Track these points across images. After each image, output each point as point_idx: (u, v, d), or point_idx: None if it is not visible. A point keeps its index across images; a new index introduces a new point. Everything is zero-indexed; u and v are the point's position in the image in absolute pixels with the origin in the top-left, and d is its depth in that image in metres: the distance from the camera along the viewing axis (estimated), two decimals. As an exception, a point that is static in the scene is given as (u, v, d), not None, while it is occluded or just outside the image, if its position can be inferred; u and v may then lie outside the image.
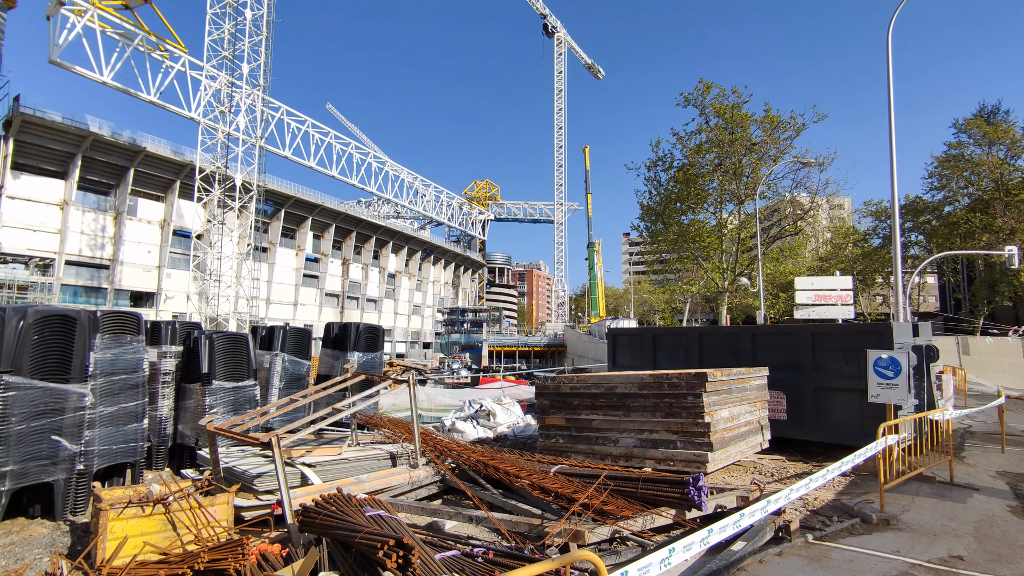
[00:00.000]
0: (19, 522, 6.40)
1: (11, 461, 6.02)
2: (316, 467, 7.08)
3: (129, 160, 46.52)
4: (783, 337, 10.84)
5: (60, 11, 36.98)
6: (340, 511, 5.08)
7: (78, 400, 6.66)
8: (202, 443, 8.52)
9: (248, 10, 39.50)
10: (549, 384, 9.33)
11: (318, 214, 64.44)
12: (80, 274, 45.70)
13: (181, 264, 49.64)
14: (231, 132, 40.25)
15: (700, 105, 28.00)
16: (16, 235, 41.78)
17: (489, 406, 12.69)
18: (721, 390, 8.11)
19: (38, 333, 6.29)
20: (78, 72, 39.38)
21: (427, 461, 8.01)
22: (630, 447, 8.21)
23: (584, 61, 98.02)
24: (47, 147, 42.66)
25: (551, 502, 6.30)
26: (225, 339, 9.00)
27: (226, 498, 5.74)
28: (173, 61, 44.11)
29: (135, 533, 5.23)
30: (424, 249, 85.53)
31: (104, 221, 46.84)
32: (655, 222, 31.18)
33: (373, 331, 11.40)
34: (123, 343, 7.47)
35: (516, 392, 18.71)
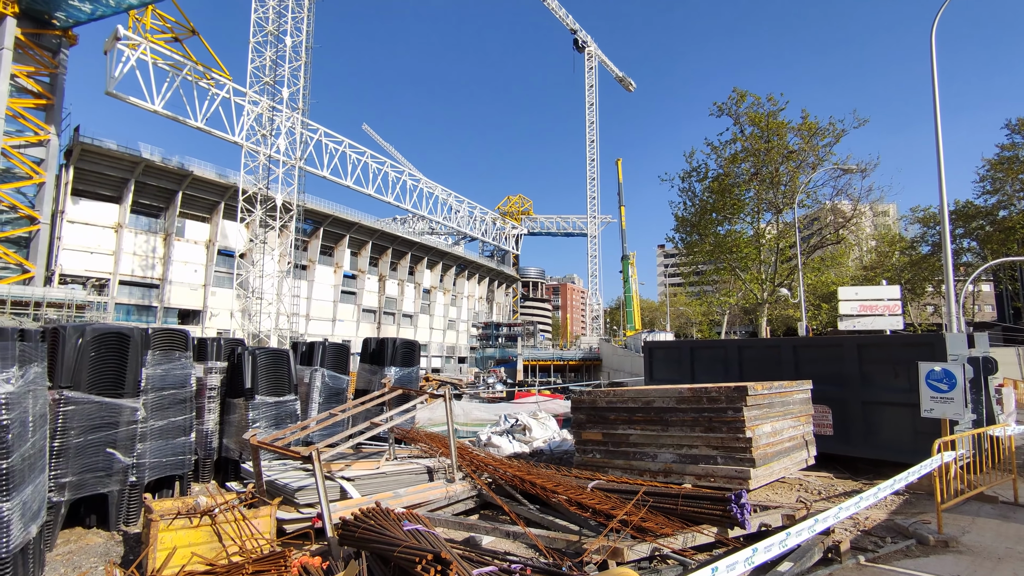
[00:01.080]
0: (77, 531, 6.68)
1: (70, 472, 6.30)
2: (355, 481, 7.18)
3: (178, 184, 48.62)
4: (827, 349, 10.49)
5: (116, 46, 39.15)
6: (379, 525, 5.14)
7: (131, 414, 6.94)
8: (246, 456, 8.74)
9: (288, 37, 41.05)
10: (585, 398, 9.25)
11: (355, 232, 65.87)
12: (132, 293, 47.77)
13: (225, 282, 51.38)
14: (272, 154, 41.67)
15: (734, 114, 27.64)
16: (75, 257, 44.07)
17: (525, 421, 12.64)
18: (762, 404, 7.90)
19: (95, 350, 6.60)
20: (132, 102, 41.51)
21: (464, 476, 8.03)
22: (669, 462, 8.05)
23: (615, 74, 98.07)
24: (104, 173, 45.00)
25: (589, 518, 6.22)
26: (267, 355, 9.26)
27: (269, 511, 5.87)
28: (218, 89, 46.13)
29: (183, 544, 5.39)
30: (458, 264, 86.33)
31: (155, 242, 48.96)
32: (690, 233, 30.75)
33: (409, 346, 11.54)
34: (172, 359, 7.77)
35: (552, 406, 18.58)
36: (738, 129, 27.81)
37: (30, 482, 5.16)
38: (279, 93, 41.45)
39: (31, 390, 5.25)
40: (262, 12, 40.53)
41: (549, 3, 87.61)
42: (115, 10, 40.31)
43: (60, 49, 43.26)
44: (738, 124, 27.74)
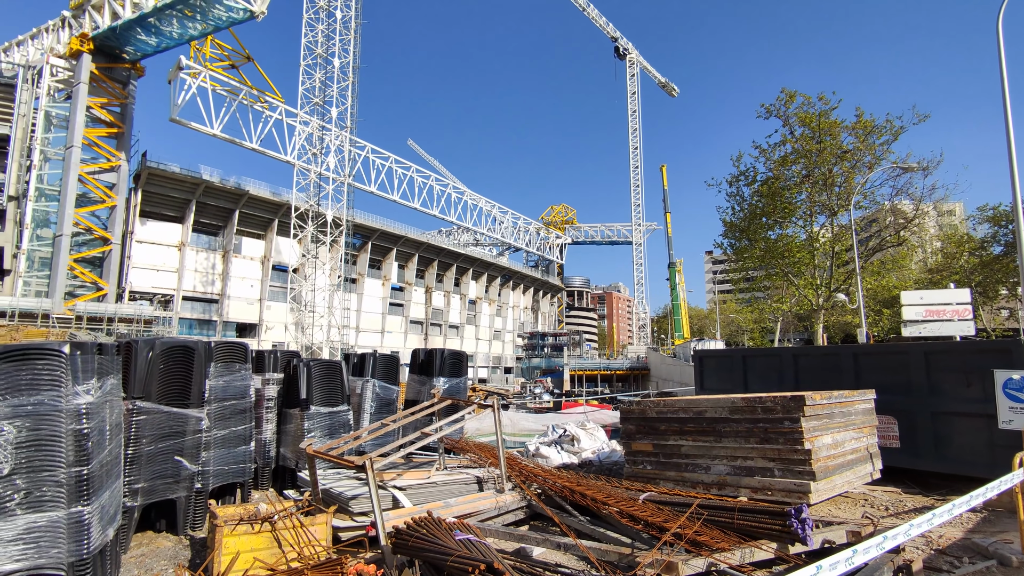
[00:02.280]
0: (148, 535, 7.04)
1: (142, 479, 6.66)
2: (406, 490, 7.29)
3: (234, 203, 50.94)
4: (891, 357, 10.00)
5: (179, 75, 41.50)
6: (431, 534, 5.21)
7: (196, 423, 7.28)
8: (302, 465, 9.01)
9: (336, 59, 42.55)
10: (634, 408, 9.12)
11: (402, 245, 67.25)
12: (194, 308, 50.19)
13: (279, 297, 53.31)
14: (322, 172, 43.13)
15: (783, 115, 26.87)
16: (143, 275, 46.74)
17: (573, 431, 12.55)
18: (822, 414, 7.59)
19: (164, 363, 6.98)
20: (193, 127, 43.83)
21: (513, 486, 8.03)
22: (723, 475, 7.83)
23: (657, 80, 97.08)
24: (168, 195, 47.66)
25: (641, 531, 6.11)
26: (321, 366, 9.56)
27: (325, 518, 6.03)
28: (272, 111, 48.18)
29: (246, 549, 5.60)
30: (503, 275, 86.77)
31: (214, 259, 51.36)
32: (739, 239, 29.95)
33: (457, 357, 11.68)
34: (233, 371, 8.12)
35: (600, 417, 18.38)
36: (787, 130, 27.02)
37: (107, 487, 5.49)
38: (328, 113, 42.96)
39: (108, 400, 5.60)
40: (311, 36, 42.21)
41: (589, 13, 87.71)
42: (178, 42, 42.84)
43: (129, 80, 46.25)
44: (787, 125, 26.95)
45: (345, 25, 43.19)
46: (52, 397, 4.94)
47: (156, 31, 41.75)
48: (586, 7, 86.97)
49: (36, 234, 42.08)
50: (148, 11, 39.20)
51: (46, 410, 4.92)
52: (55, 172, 42.65)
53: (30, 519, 4.79)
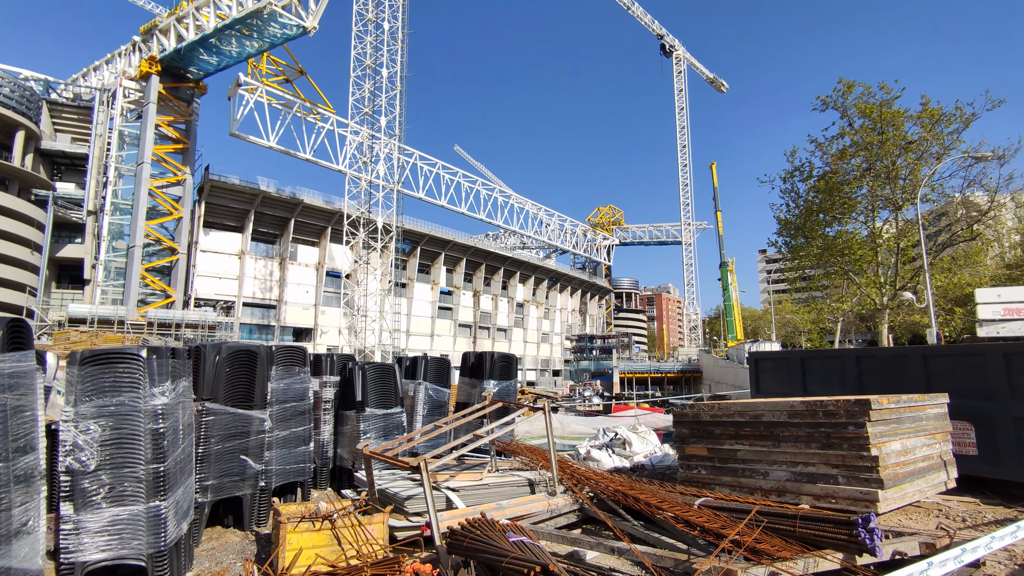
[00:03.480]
0: (217, 530, 7.40)
1: (211, 476, 7.01)
2: (460, 491, 7.39)
3: (290, 212, 52.93)
4: (966, 358, 9.42)
5: (238, 91, 43.49)
6: (485, 535, 5.26)
7: (260, 424, 7.61)
8: (358, 466, 9.27)
9: (384, 69, 43.62)
10: (688, 412, 8.93)
11: (450, 249, 68.16)
12: (254, 314, 52.41)
13: (333, 302, 54.99)
14: (372, 180, 44.26)
15: (841, 107, 25.73)
16: (207, 282, 49.18)
17: (624, 434, 12.40)
18: (889, 419, 7.23)
19: (229, 366, 7.34)
20: (251, 140, 45.81)
21: (565, 489, 8.01)
22: (782, 481, 7.57)
23: (705, 76, 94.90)
24: (229, 206, 50.01)
25: (697, 536, 5.98)
26: (376, 369, 9.81)
27: (382, 518, 6.19)
28: (324, 122, 49.87)
29: (308, 545, 5.81)
30: (550, 277, 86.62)
31: (272, 267, 53.51)
32: (795, 236, 28.84)
33: (507, 360, 11.75)
34: (293, 374, 8.44)
35: (651, 420, 18.08)
36: (846, 122, 25.85)
37: (181, 484, 5.81)
38: (377, 122, 44.09)
39: (181, 402, 5.93)
40: (360, 48, 43.45)
41: (634, 11, 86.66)
42: (237, 60, 45.00)
43: (193, 98, 48.89)
44: (846, 117, 25.79)
45: (392, 36, 44.26)
46: (132, 398, 5.28)
47: (217, 50, 43.99)
48: (631, 5, 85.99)
49: (112, 246, 45.01)
50: (210, 32, 41.33)
51: (126, 410, 5.27)
52: (128, 187, 45.52)
53: (114, 512, 5.13)
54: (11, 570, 4.18)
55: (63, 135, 48.47)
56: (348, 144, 50.03)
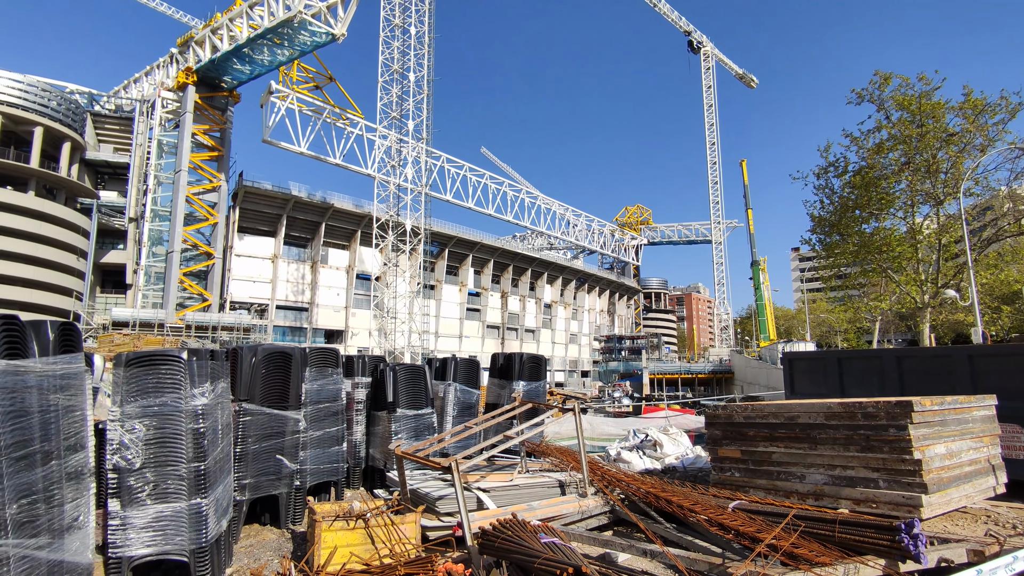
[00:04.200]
0: (254, 527, 7.59)
1: (248, 475, 7.19)
2: (490, 492, 7.42)
3: (321, 216, 53.91)
4: (1015, 358, 9.05)
5: (270, 99, 44.51)
6: (516, 536, 5.27)
7: (295, 424, 7.78)
8: (390, 466, 9.39)
9: (411, 73, 44.10)
10: (720, 413, 8.80)
11: (478, 251, 68.47)
12: (287, 316, 53.53)
13: (363, 304, 55.78)
14: (400, 183, 44.76)
15: (877, 99, 24.97)
16: (241, 286, 50.44)
17: (655, 436, 12.27)
18: (932, 421, 7.00)
19: (265, 368, 7.52)
20: (283, 147, 46.82)
21: (595, 491, 7.97)
22: (819, 484, 7.39)
23: (734, 72, 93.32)
24: (262, 211, 51.20)
25: (731, 540, 5.89)
26: (406, 370, 9.92)
27: (414, 517, 6.26)
28: (353, 127, 50.68)
29: (342, 544, 5.91)
30: (578, 278, 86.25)
31: (303, 270, 54.58)
32: (830, 234, 28.06)
33: (536, 361, 11.75)
34: (326, 375, 8.60)
35: (682, 421, 17.84)
36: (883, 115, 25.07)
37: (221, 482, 5.98)
38: (405, 126, 44.60)
39: (220, 402, 6.10)
40: (388, 54, 44.03)
41: (661, 8, 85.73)
42: (269, 68, 46.10)
43: (227, 107, 50.26)
44: (882, 110, 25.02)
45: (419, 41, 44.72)
46: (174, 399, 5.46)
47: (249, 60, 45.14)
48: (657, 3, 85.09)
49: (152, 251, 46.55)
50: (243, 42, 42.44)
51: (169, 411, 5.45)
52: (166, 195, 47.03)
53: (158, 509, 5.31)
54: (64, 563, 4.36)
55: (106, 145, 50.34)
56: (377, 148, 50.71)
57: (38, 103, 43.46)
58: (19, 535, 3.91)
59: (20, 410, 4.06)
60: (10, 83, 42.84)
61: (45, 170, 43.37)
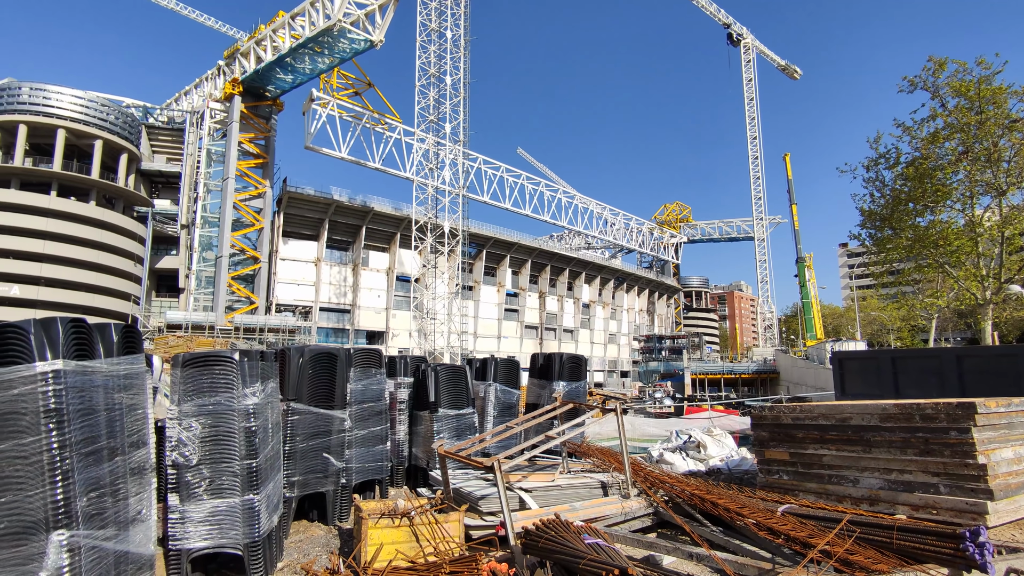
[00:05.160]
0: (303, 524, 7.80)
1: (297, 473, 7.40)
2: (532, 492, 7.42)
3: (361, 219, 55.02)
4: (1087, 358, 8.51)
5: (312, 106, 45.71)
6: (560, 536, 5.26)
7: (340, 423, 7.96)
8: (432, 465, 9.50)
9: (447, 76, 44.55)
10: (767, 414, 8.57)
11: (515, 251, 68.61)
12: (330, 318, 54.83)
13: (403, 305, 56.66)
14: (438, 186, 45.29)
15: (931, 87, 23.82)
16: (286, 289, 51.95)
17: (699, 437, 12.04)
18: (998, 424, 6.64)
19: (312, 368, 7.72)
20: (325, 153, 48.00)
21: (638, 492, 7.88)
22: (874, 489, 7.11)
23: (776, 63, 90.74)
24: (305, 216, 52.61)
25: (782, 545, 5.72)
26: (448, 371, 10.03)
27: (458, 516, 6.32)
28: (391, 132, 51.55)
29: (387, 541, 6.01)
30: (617, 277, 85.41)
31: (345, 272, 55.81)
32: (881, 228, 26.90)
33: (576, 361, 11.69)
34: (370, 375, 8.77)
35: (726, 423, 17.46)
36: (938, 103, 23.89)
37: (271, 479, 6.17)
38: (442, 129, 45.09)
39: (269, 402, 6.30)
40: (425, 58, 44.60)
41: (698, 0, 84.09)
42: (310, 76, 47.35)
43: (271, 116, 51.87)
44: (937, 97, 23.84)
45: (455, 44, 45.13)
46: (227, 398, 5.66)
47: (292, 68, 46.47)
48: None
49: (202, 256, 48.46)
50: (285, 52, 43.73)
51: (222, 409, 5.66)
52: (215, 202, 48.87)
53: (213, 504, 5.52)
54: (129, 554, 4.58)
55: (159, 156, 52.68)
56: (415, 151, 51.48)
57: (98, 118, 45.80)
58: (89, 526, 4.13)
59: (88, 408, 4.28)
60: (73, 100, 45.29)
61: (105, 181, 45.67)
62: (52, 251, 42.11)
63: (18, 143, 43.26)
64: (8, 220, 41.03)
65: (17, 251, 41.31)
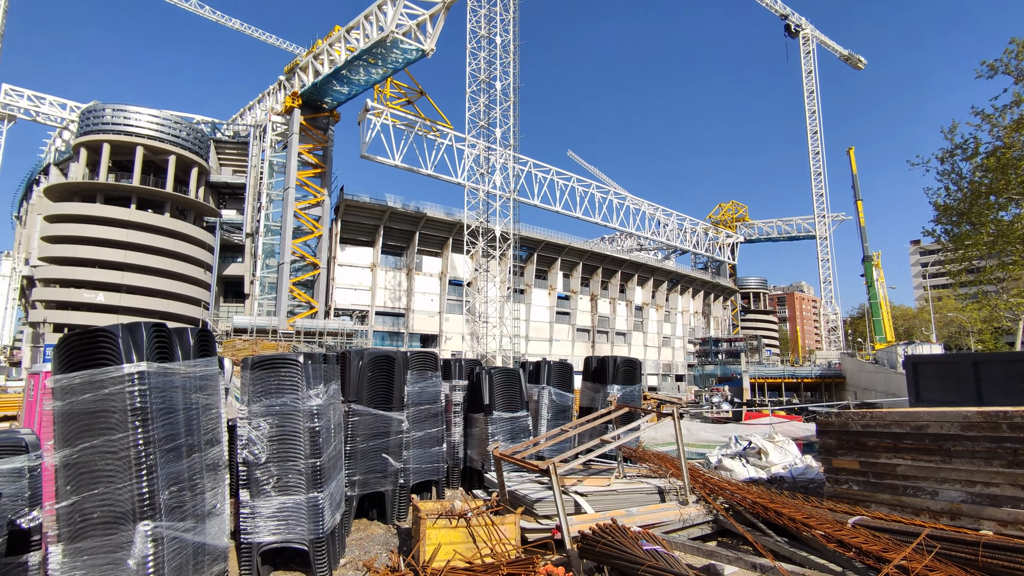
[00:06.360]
0: (363, 522, 8.03)
1: (358, 472, 7.63)
2: (588, 496, 7.37)
3: (415, 225, 56.16)
4: None
5: (367, 116, 47.09)
6: (617, 541, 5.21)
7: (398, 425, 8.16)
8: (487, 467, 9.58)
9: (497, 82, 44.94)
10: (834, 420, 8.18)
11: (566, 254, 68.32)
12: (385, 322, 56.19)
13: (456, 309, 57.40)
14: (489, 190, 45.69)
15: (1014, 71, 22.18)
16: (344, 294, 53.63)
17: (759, 443, 11.63)
18: (1098, 435, 6.10)
19: (371, 371, 7.95)
20: (379, 161, 49.32)
21: (697, 499, 7.69)
22: (955, 502, 6.66)
23: (839, 54, 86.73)
24: (361, 223, 54.19)
25: (853, 559, 5.46)
26: (501, 373, 10.10)
27: (514, 519, 6.35)
28: (443, 138, 52.47)
29: (445, 541, 6.11)
30: (670, 279, 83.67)
31: (400, 277, 57.09)
32: (958, 223, 25.23)
33: (631, 364, 11.54)
34: (426, 378, 8.95)
35: (788, 429, 16.78)
36: (1021, 88, 22.27)
37: (334, 478, 6.39)
38: (492, 134, 45.50)
39: (332, 403, 6.53)
40: (475, 65, 45.16)
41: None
42: (364, 87, 48.83)
43: (328, 127, 53.77)
44: (1021, 82, 22.21)
45: (504, 49, 45.48)
46: (292, 399, 5.91)
47: (347, 80, 48.06)
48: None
49: (265, 263, 50.71)
50: (341, 64, 45.29)
51: (288, 410, 5.91)
52: (277, 211, 51.08)
53: (281, 500, 5.77)
54: (205, 545, 4.85)
55: (226, 168, 55.53)
56: (466, 157, 52.17)
57: (172, 135, 48.77)
58: (170, 518, 4.40)
59: (169, 407, 4.57)
60: (150, 119, 48.41)
61: (178, 193, 48.53)
62: (132, 260, 45.07)
63: (102, 160, 46.61)
64: (95, 232, 44.25)
65: (102, 261, 44.46)
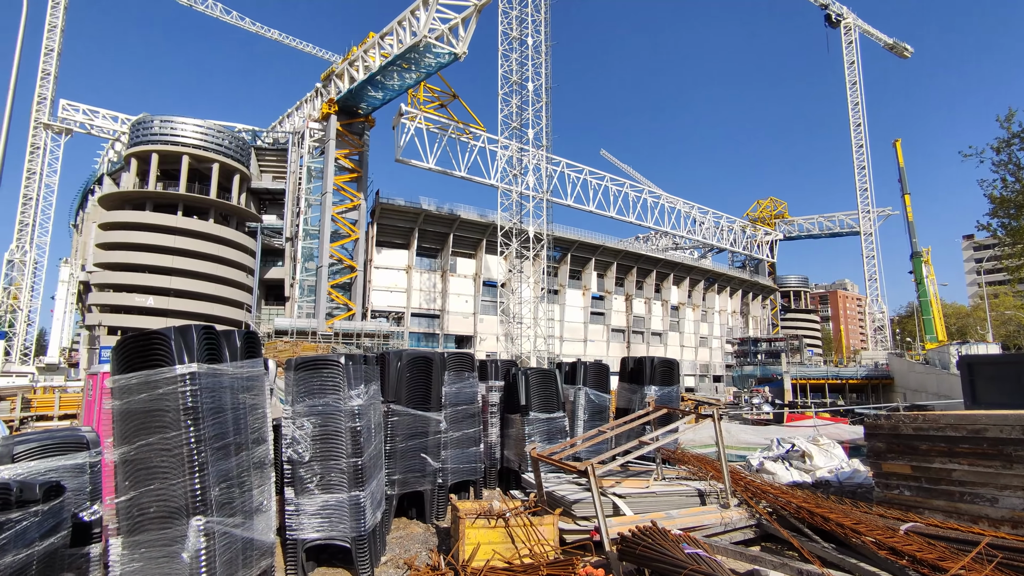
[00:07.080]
0: (402, 521, 8.15)
1: (397, 472, 7.74)
2: (626, 498, 7.31)
3: (448, 227, 56.65)
4: None
5: (401, 121, 47.76)
6: (658, 544, 5.14)
7: (436, 425, 8.25)
8: (524, 468, 9.59)
9: (529, 83, 44.98)
10: (884, 423, 7.89)
11: (600, 254, 67.82)
12: (420, 323, 56.84)
13: (490, 310, 57.65)
14: (522, 191, 45.75)
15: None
16: (380, 296, 54.50)
17: (803, 446, 11.30)
18: None
19: (409, 371, 8.06)
20: (413, 164, 49.94)
21: (739, 502, 7.53)
22: (1018, 510, 6.34)
23: (883, 42, 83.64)
24: (396, 226, 54.98)
25: (906, 567, 5.26)
26: (537, 375, 10.10)
27: (552, 520, 6.34)
28: (475, 140, 52.80)
29: (483, 541, 6.15)
30: (707, 278, 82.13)
31: (434, 279, 57.67)
32: (1016, 216, 24.05)
33: (668, 365, 11.38)
34: (463, 379, 9.02)
35: (834, 431, 16.23)
36: (1084, 73, 21.05)
37: (375, 477, 6.51)
38: (525, 135, 45.56)
39: (372, 404, 6.65)
40: (507, 66, 45.31)
41: (791, -17, 79.20)
42: (398, 92, 49.53)
43: (364, 132, 54.73)
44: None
45: (536, 50, 45.50)
46: (335, 399, 6.05)
47: (381, 86, 48.82)
48: (787, -22, 78.78)
49: (304, 267, 51.93)
50: (375, 70, 46.05)
51: (331, 410, 6.04)
52: (315, 215, 52.26)
53: (324, 498, 5.91)
54: (253, 541, 5.00)
55: (266, 175, 57.13)
56: (499, 159, 52.35)
57: (215, 143, 50.50)
58: (221, 514, 4.56)
59: (218, 406, 4.74)
60: (195, 129, 50.25)
61: (221, 200, 50.18)
62: (179, 265, 46.83)
63: (151, 170, 48.60)
64: (145, 239, 46.18)
65: (152, 266, 46.35)
